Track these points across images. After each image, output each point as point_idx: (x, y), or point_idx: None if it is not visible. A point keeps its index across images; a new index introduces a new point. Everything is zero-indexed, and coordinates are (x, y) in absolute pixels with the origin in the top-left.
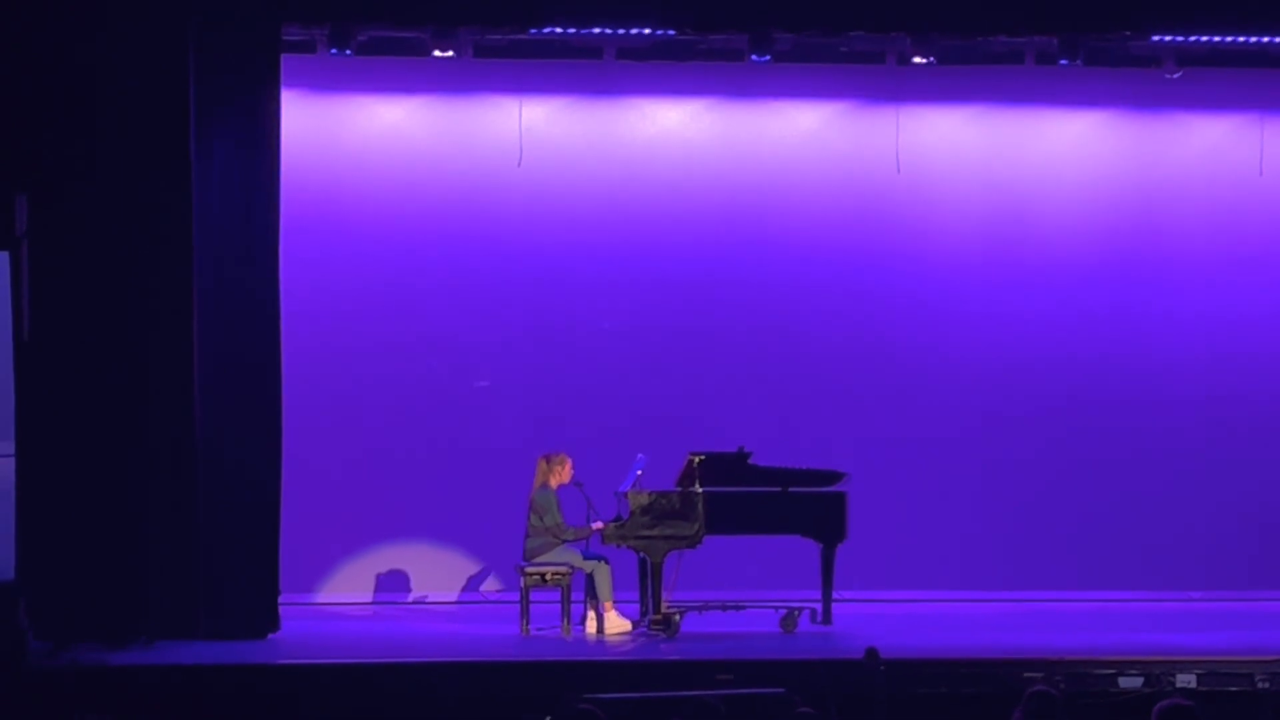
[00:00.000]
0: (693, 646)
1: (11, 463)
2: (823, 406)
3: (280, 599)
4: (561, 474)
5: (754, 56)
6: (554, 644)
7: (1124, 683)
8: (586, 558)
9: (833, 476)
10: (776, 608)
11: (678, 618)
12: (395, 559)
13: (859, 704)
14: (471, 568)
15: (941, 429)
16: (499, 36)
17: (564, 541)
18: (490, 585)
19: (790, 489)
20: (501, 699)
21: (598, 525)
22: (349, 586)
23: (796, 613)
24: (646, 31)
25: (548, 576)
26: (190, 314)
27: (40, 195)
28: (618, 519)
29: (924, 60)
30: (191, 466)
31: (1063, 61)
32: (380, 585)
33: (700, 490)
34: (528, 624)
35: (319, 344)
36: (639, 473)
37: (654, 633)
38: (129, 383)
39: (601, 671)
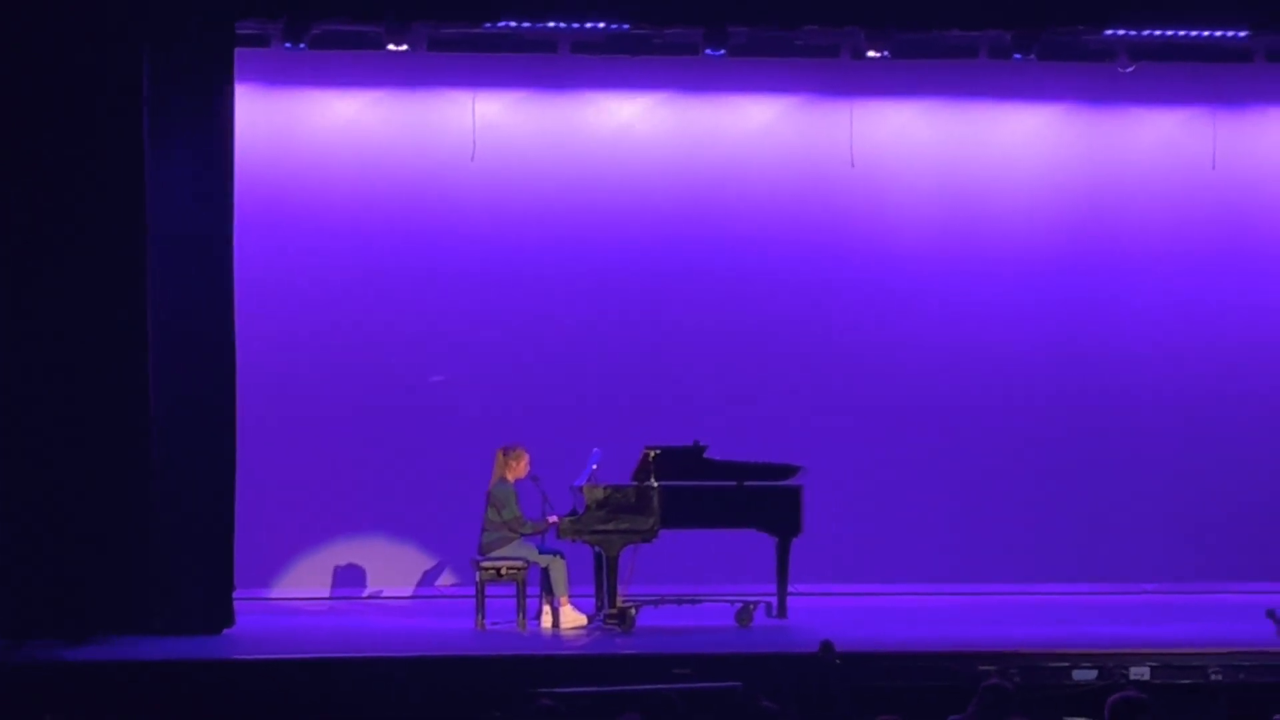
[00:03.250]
0: (648, 640)
1: None
2: (778, 400)
3: (235, 594)
4: (518, 468)
5: (709, 50)
6: (510, 638)
7: (1078, 675)
8: (542, 552)
9: (788, 470)
10: (732, 601)
11: (633, 612)
12: (351, 554)
13: (814, 697)
14: (427, 562)
15: (897, 423)
16: (453, 30)
17: (520, 535)
18: (446, 580)
19: (746, 483)
20: (457, 693)
21: (553, 519)
22: (304, 581)
23: (752, 606)
24: (601, 25)
25: (503, 571)
26: (144, 307)
27: None
28: (573, 513)
29: (878, 54)
30: (146, 461)
31: (1017, 56)
32: (336, 580)
33: (656, 484)
34: (483, 618)
35: (273, 337)
36: (594, 467)
37: (609, 627)
38: (81, 377)
39: (557, 666)
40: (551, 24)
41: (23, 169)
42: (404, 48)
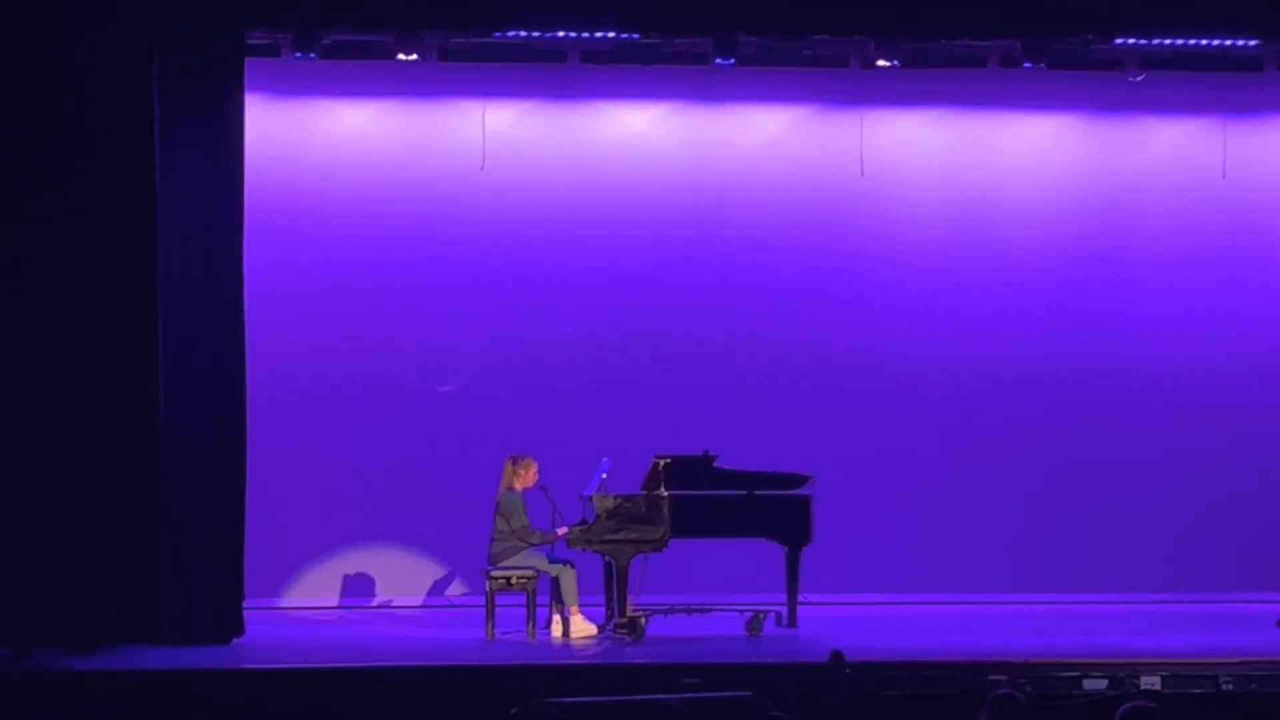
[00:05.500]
0: (658, 650)
1: None
2: (788, 410)
3: (245, 603)
4: (527, 477)
5: (718, 60)
6: (519, 648)
7: (1088, 685)
8: (552, 561)
9: (798, 480)
10: (742, 611)
11: (643, 621)
12: (360, 563)
13: (824, 706)
14: (437, 572)
15: (907, 432)
16: (463, 40)
17: (529, 545)
18: (456, 589)
19: (755, 492)
20: (467, 703)
21: (563, 529)
22: (314, 591)
23: (762, 616)
24: (610, 35)
25: (513, 580)
26: (155, 318)
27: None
28: (583, 522)
29: (888, 63)
30: (155, 470)
31: (1026, 65)
32: (345, 589)
33: (666, 494)
34: (493, 628)
35: (283, 347)
36: (604, 476)
37: (619, 636)
38: (91, 386)
39: (567, 675)
40: (561, 34)
41: (32, 178)
42: (414, 57)
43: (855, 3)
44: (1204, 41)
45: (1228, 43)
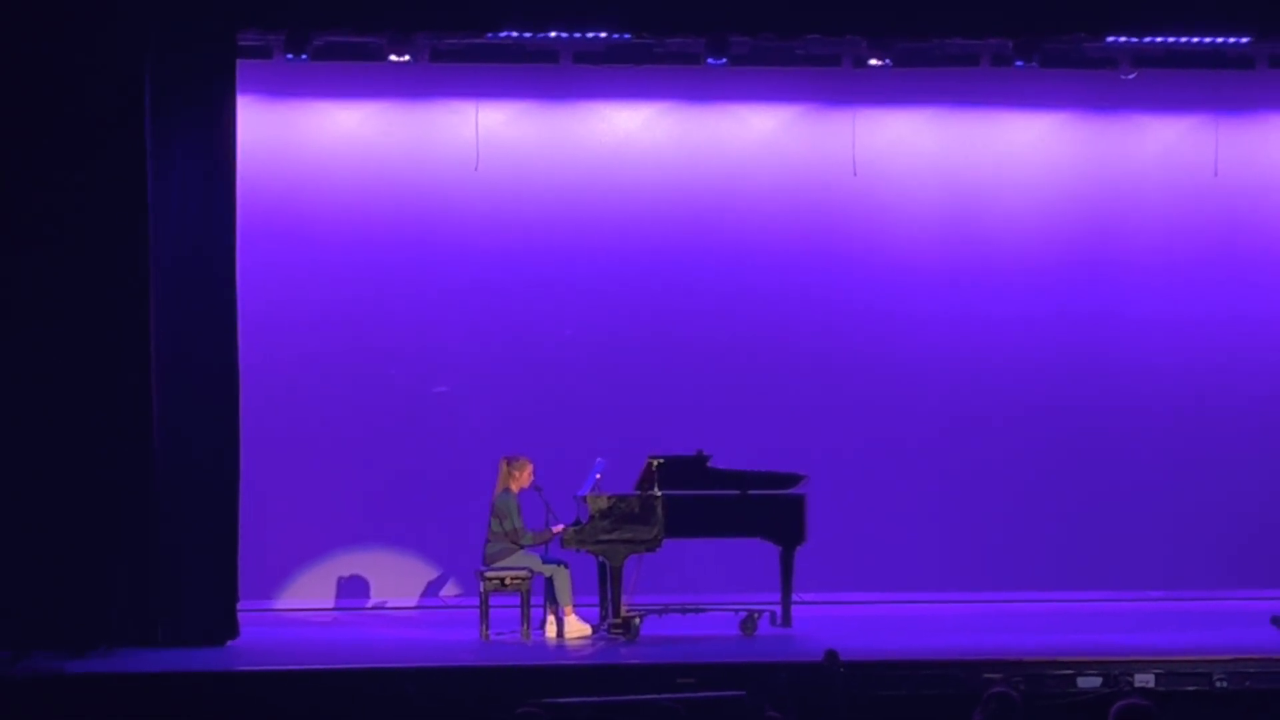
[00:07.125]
0: (652, 650)
1: None
2: (782, 409)
3: (239, 606)
4: (522, 478)
5: (710, 60)
6: (514, 649)
7: (1083, 683)
8: (546, 562)
9: (792, 479)
10: (736, 610)
11: (637, 621)
12: (355, 565)
13: (819, 706)
14: (431, 573)
15: (901, 431)
16: (455, 41)
17: (523, 546)
18: (450, 590)
19: (749, 492)
20: (461, 704)
21: (557, 529)
22: (308, 593)
23: (756, 615)
24: (603, 35)
25: (507, 581)
26: (147, 319)
27: None
28: (577, 523)
29: (880, 63)
30: (149, 473)
31: (1019, 63)
32: (340, 591)
33: (659, 494)
34: (487, 629)
35: (277, 350)
36: (598, 476)
37: (614, 636)
38: (85, 389)
39: (561, 676)
40: (553, 34)
41: (31, 178)
42: (406, 59)
43: (848, 2)
44: (1196, 39)
45: (1220, 40)
